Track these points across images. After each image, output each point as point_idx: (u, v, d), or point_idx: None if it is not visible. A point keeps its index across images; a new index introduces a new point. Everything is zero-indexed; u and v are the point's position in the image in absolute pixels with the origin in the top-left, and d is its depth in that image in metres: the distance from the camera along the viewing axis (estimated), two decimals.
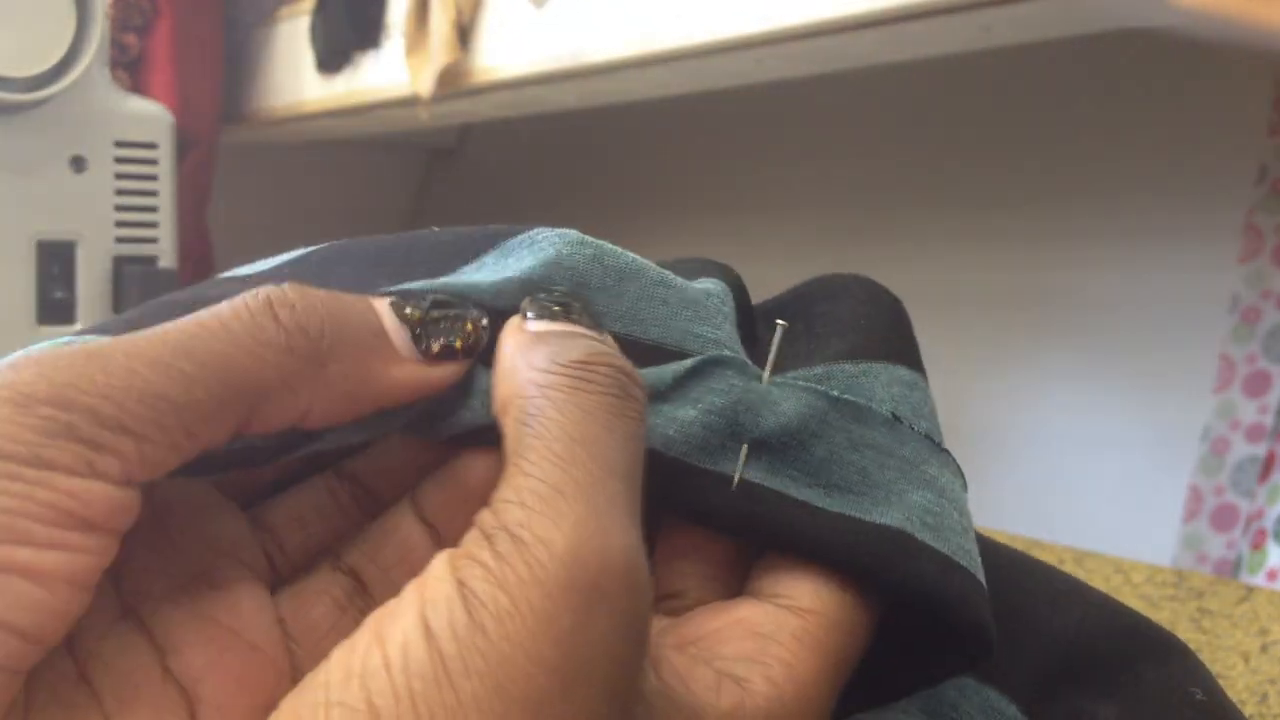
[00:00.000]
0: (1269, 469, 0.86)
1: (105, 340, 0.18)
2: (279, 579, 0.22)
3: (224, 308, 0.19)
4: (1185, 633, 0.42)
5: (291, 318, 0.19)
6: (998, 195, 1.08)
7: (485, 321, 0.21)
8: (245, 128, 1.42)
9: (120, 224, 0.54)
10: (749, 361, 0.23)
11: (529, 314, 0.21)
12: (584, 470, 0.17)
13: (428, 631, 0.16)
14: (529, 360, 0.19)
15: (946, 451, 0.24)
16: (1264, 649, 0.40)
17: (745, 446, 0.22)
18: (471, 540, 0.17)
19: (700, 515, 0.22)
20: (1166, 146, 0.96)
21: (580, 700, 0.16)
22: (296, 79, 1.27)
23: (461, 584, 0.16)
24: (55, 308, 0.52)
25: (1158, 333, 0.95)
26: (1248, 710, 0.36)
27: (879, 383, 0.23)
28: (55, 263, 0.52)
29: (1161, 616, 0.42)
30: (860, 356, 0.24)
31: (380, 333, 0.20)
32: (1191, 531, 0.90)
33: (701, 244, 1.39)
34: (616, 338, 0.22)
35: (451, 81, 1.03)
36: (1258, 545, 0.84)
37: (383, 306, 0.21)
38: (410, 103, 1.09)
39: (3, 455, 0.16)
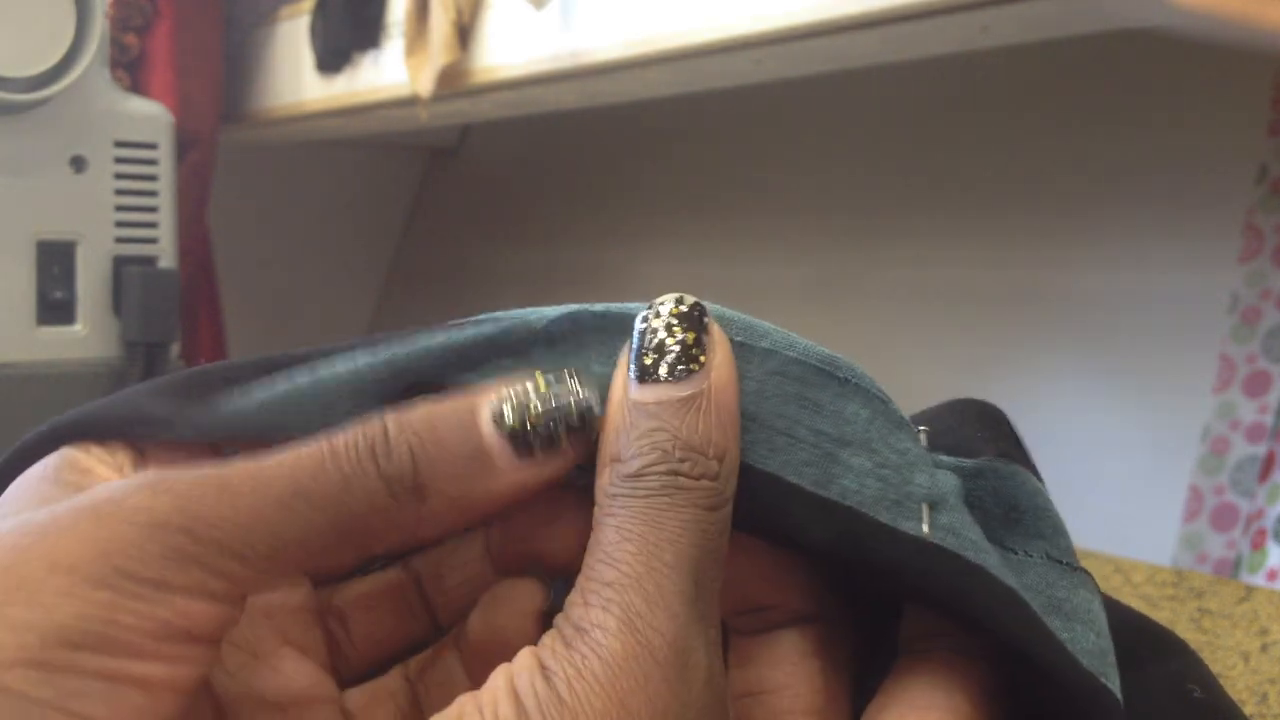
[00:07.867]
0: (1269, 469, 0.86)
1: (233, 469, 0.21)
2: (348, 672, 0.25)
3: (338, 447, 0.22)
4: (1185, 633, 0.42)
5: (389, 466, 0.22)
6: (997, 195, 1.08)
7: (596, 398, 0.22)
8: (245, 128, 1.42)
9: (120, 224, 0.54)
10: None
11: (632, 370, 0.22)
12: (629, 565, 0.21)
13: (515, 697, 0.20)
14: (609, 453, 0.22)
15: (1080, 570, 0.24)
16: (1264, 649, 0.40)
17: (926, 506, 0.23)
18: (548, 636, 0.21)
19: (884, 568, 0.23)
20: (1166, 146, 0.95)
21: None
22: (296, 79, 1.27)
23: (541, 664, 0.20)
24: (55, 308, 0.52)
25: (1158, 333, 0.95)
26: (1248, 710, 0.36)
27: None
28: (55, 263, 0.52)
29: (1161, 616, 0.42)
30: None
31: (478, 453, 0.22)
32: (1191, 531, 0.90)
33: (702, 244, 1.39)
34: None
35: (451, 81, 1.03)
36: (1258, 545, 0.84)
37: (484, 416, 0.22)
38: (410, 103, 1.09)
39: (132, 576, 0.19)
